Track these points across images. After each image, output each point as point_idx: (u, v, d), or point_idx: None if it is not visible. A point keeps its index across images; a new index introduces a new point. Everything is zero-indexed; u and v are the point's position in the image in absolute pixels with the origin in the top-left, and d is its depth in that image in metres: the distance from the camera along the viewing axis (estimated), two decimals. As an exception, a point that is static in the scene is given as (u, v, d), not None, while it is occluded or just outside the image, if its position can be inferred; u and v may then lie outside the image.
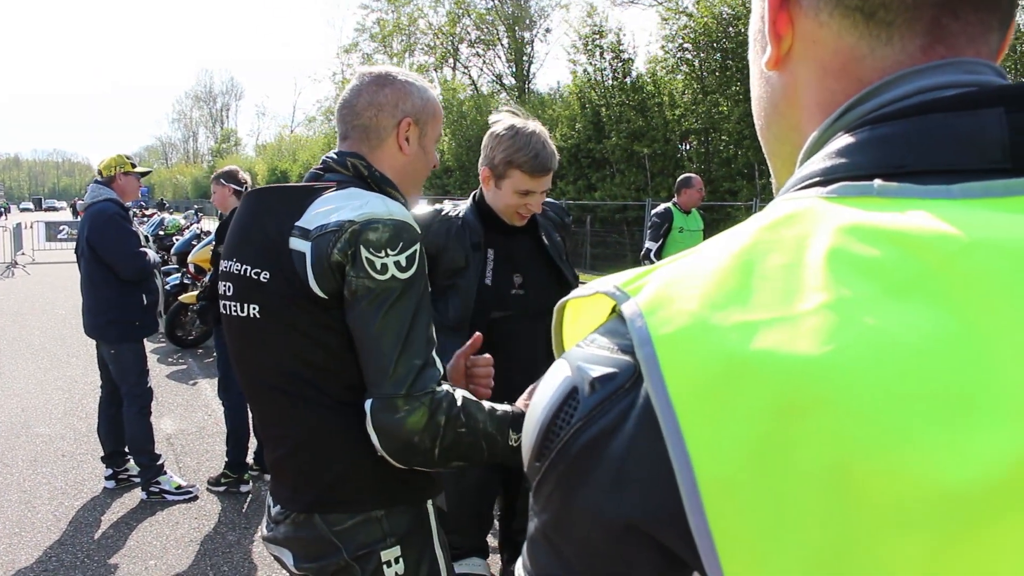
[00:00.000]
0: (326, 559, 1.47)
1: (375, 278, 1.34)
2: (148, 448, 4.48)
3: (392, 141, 1.56)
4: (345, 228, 1.36)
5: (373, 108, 1.54)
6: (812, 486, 0.35)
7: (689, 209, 6.73)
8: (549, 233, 2.46)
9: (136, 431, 4.45)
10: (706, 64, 18.99)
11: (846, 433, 0.34)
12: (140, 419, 4.45)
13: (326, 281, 1.37)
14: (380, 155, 1.56)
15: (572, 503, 0.45)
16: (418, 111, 1.58)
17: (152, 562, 3.76)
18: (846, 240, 0.41)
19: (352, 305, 1.37)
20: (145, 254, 4.41)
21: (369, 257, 1.34)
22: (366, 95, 1.55)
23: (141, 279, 4.41)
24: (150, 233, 12.87)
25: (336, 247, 1.35)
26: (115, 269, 4.31)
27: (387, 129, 1.55)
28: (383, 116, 1.54)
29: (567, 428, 0.45)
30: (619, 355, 0.44)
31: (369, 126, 1.55)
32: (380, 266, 1.35)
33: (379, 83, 1.56)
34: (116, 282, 4.35)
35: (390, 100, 1.55)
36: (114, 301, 4.36)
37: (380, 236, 1.35)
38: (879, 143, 0.46)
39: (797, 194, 0.48)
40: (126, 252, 4.32)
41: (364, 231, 1.35)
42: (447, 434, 1.37)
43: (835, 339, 0.37)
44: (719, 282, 0.42)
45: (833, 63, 0.52)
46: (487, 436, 1.45)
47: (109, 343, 4.41)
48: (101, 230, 4.28)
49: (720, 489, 0.37)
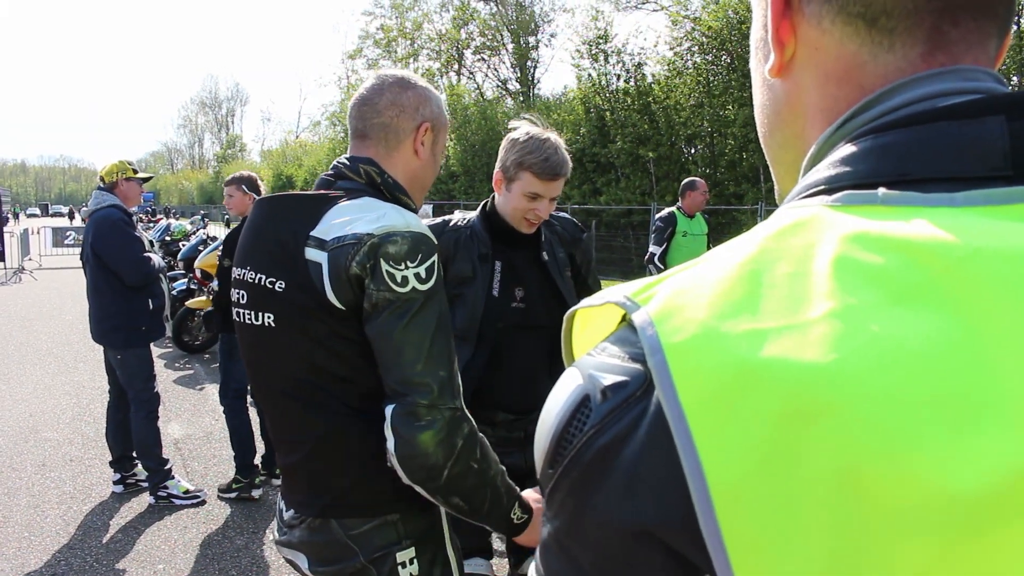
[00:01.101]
0: (343, 563, 1.48)
1: (396, 291, 1.34)
2: (156, 452, 4.50)
3: (409, 144, 1.56)
4: (364, 241, 1.35)
5: (395, 108, 1.54)
6: (821, 491, 0.35)
7: (693, 213, 6.72)
8: (553, 249, 2.46)
9: (143, 436, 4.47)
10: (712, 68, 18.99)
11: (854, 439, 0.35)
12: (147, 424, 4.47)
13: (344, 293, 1.37)
14: (396, 157, 1.56)
15: (585, 509, 0.45)
16: (435, 118, 1.59)
17: (160, 566, 3.78)
18: (851, 248, 0.41)
19: (372, 317, 1.36)
20: (150, 259, 4.44)
21: (389, 270, 1.34)
22: (389, 95, 1.54)
23: (146, 284, 4.44)
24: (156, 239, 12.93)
25: (355, 260, 1.35)
26: (120, 275, 4.33)
27: (406, 132, 1.55)
28: (404, 118, 1.54)
29: (580, 435, 0.46)
30: (630, 363, 0.45)
31: (389, 125, 1.54)
32: (400, 279, 1.35)
33: (402, 85, 1.56)
34: (121, 288, 4.37)
35: (412, 103, 1.55)
36: (120, 306, 4.38)
37: (399, 249, 1.35)
38: (882, 152, 0.47)
39: (802, 202, 0.49)
40: (130, 258, 4.34)
41: (383, 244, 1.35)
42: (460, 460, 1.36)
43: (842, 346, 0.37)
44: (727, 291, 0.43)
45: (835, 70, 0.52)
46: (494, 490, 1.44)
47: (115, 348, 4.43)
48: (105, 236, 4.31)
49: (731, 495, 0.38)
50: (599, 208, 20.17)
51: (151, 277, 4.44)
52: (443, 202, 25.66)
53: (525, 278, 2.40)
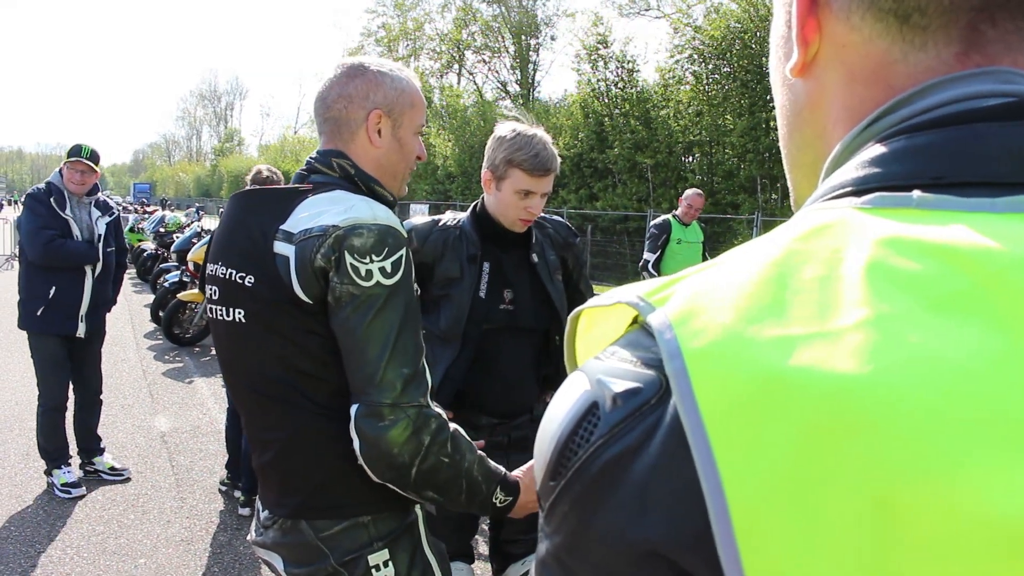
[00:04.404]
0: (314, 564, 1.46)
1: (360, 284, 1.32)
2: (43, 446, 4.59)
3: (363, 134, 1.52)
4: (329, 233, 1.33)
5: (343, 100, 1.51)
6: (852, 514, 0.33)
7: (689, 221, 6.72)
8: (544, 251, 2.44)
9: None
10: (712, 77, 19.02)
11: (890, 459, 0.32)
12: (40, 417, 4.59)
13: (310, 286, 1.35)
14: (353, 148, 1.52)
15: (590, 526, 0.42)
16: (391, 102, 1.53)
17: (142, 560, 3.74)
18: (885, 253, 0.39)
19: (336, 312, 1.34)
20: (60, 242, 4.38)
21: (353, 263, 1.32)
22: (336, 87, 1.51)
23: (47, 265, 4.42)
24: (151, 230, 12.89)
25: (320, 252, 1.33)
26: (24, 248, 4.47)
27: (357, 122, 1.51)
28: (352, 108, 1.50)
29: (586, 446, 0.42)
30: (643, 369, 0.42)
31: (339, 119, 1.51)
32: (365, 272, 1.33)
33: (349, 74, 1.52)
34: (27, 263, 4.55)
35: (360, 92, 1.50)
36: (22, 283, 4.61)
37: (364, 242, 1.33)
38: (916, 153, 0.44)
39: (828, 204, 0.46)
40: (28, 231, 4.38)
41: (348, 236, 1.33)
42: (428, 457, 1.35)
43: (877, 357, 0.35)
44: (752, 294, 0.40)
45: (863, 68, 0.50)
46: (470, 479, 1.42)
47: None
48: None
49: (753, 514, 0.35)
50: (595, 213, 20.17)
51: (54, 259, 4.39)
52: (440, 203, 25.64)
53: (514, 280, 2.37)
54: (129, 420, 5.95)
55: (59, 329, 4.50)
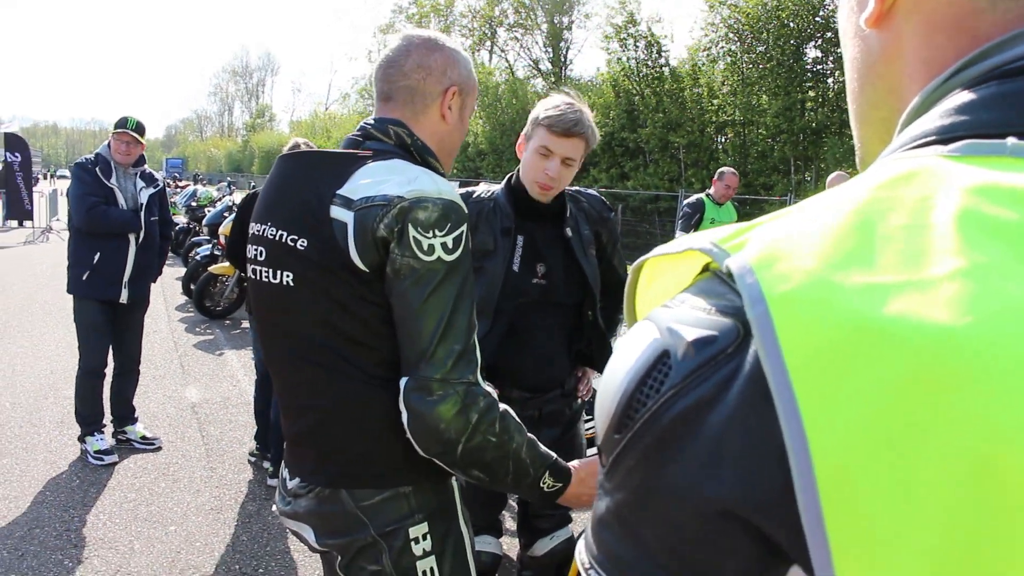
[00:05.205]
0: (352, 535, 1.44)
1: (421, 259, 1.30)
2: (80, 410, 4.67)
3: (436, 108, 1.51)
4: (393, 204, 1.31)
5: (422, 71, 1.49)
6: (949, 474, 0.30)
7: (724, 200, 6.64)
8: (578, 225, 2.41)
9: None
10: (747, 55, 18.73)
11: (991, 417, 0.30)
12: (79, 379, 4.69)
13: (368, 254, 1.33)
14: (422, 121, 1.51)
15: (659, 482, 0.40)
16: (463, 81, 1.54)
17: (172, 527, 3.79)
18: (978, 201, 0.36)
19: (395, 284, 1.33)
20: (104, 210, 4.46)
21: (417, 237, 1.30)
22: (416, 56, 1.49)
23: (90, 230, 4.49)
24: (183, 203, 13.00)
25: (383, 222, 1.31)
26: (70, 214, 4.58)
27: (433, 95, 1.50)
28: (431, 81, 1.49)
29: (656, 396, 0.40)
30: (718, 316, 0.39)
31: (416, 88, 1.49)
32: (427, 247, 1.31)
33: (429, 47, 1.50)
34: (75, 230, 4.61)
35: (439, 65, 1.50)
36: (70, 249, 4.62)
37: (429, 216, 1.31)
38: (1009, 99, 0.41)
39: (911, 152, 0.43)
40: (75, 195, 4.48)
41: (413, 209, 1.31)
42: (475, 435, 1.33)
43: (976, 308, 0.32)
44: (836, 241, 0.38)
45: (945, 18, 0.47)
46: (517, 460, 1.40)
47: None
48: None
49: (839, 475, 0.32)
50: (626, 192, 20.03)
51: (96, 225, 4.46)
52: (469, 179, 25.62)
53: (547, 254, 2.35)
54: (160, 391, 6.02)
55: (102, 294, 4.56)
